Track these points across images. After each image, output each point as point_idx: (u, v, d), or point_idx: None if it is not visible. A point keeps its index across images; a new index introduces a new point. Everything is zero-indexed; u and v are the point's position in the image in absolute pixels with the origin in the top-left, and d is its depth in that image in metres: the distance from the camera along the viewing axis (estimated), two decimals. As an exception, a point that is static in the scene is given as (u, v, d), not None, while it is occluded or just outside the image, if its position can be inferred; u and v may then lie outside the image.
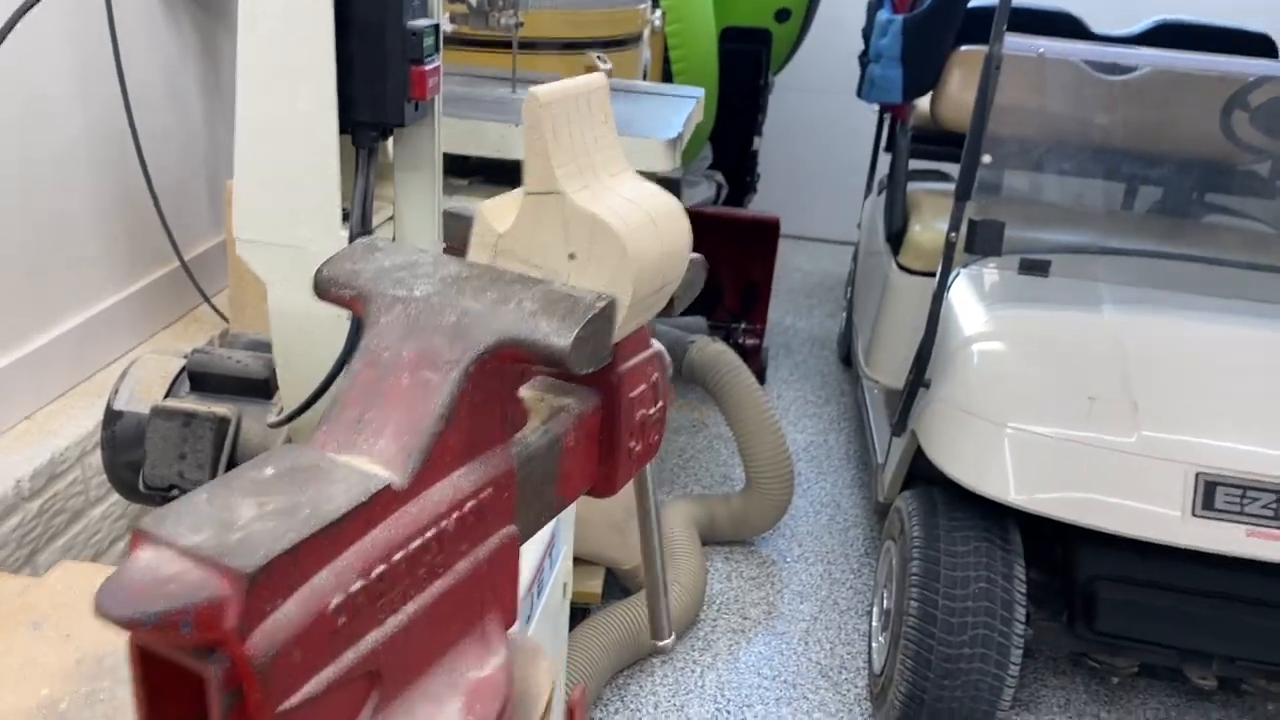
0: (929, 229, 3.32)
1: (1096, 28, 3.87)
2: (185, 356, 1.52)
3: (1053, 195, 2.91)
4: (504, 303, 0.60)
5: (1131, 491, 2.16)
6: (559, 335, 0.57)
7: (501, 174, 1.50)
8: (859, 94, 3.96)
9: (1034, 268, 2.37)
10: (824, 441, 3.83)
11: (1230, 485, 2.13)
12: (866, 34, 3.94)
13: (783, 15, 3.83)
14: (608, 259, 0.60)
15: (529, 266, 0.63)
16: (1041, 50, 2.40)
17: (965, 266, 2.66)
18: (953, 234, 2.36)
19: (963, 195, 2.32)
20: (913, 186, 3.69)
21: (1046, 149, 3.22)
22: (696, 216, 3.85)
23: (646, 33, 2.59)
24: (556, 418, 0.71)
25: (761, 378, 4.17)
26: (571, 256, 0.61)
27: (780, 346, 4.61)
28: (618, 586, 2.80)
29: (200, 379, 1.47)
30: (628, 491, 2.84)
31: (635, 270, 0.60)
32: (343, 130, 1.13)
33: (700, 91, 1.83)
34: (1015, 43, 2.24)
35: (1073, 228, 2.85)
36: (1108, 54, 2.64)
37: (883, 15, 3.73)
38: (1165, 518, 2.13)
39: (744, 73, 3.68)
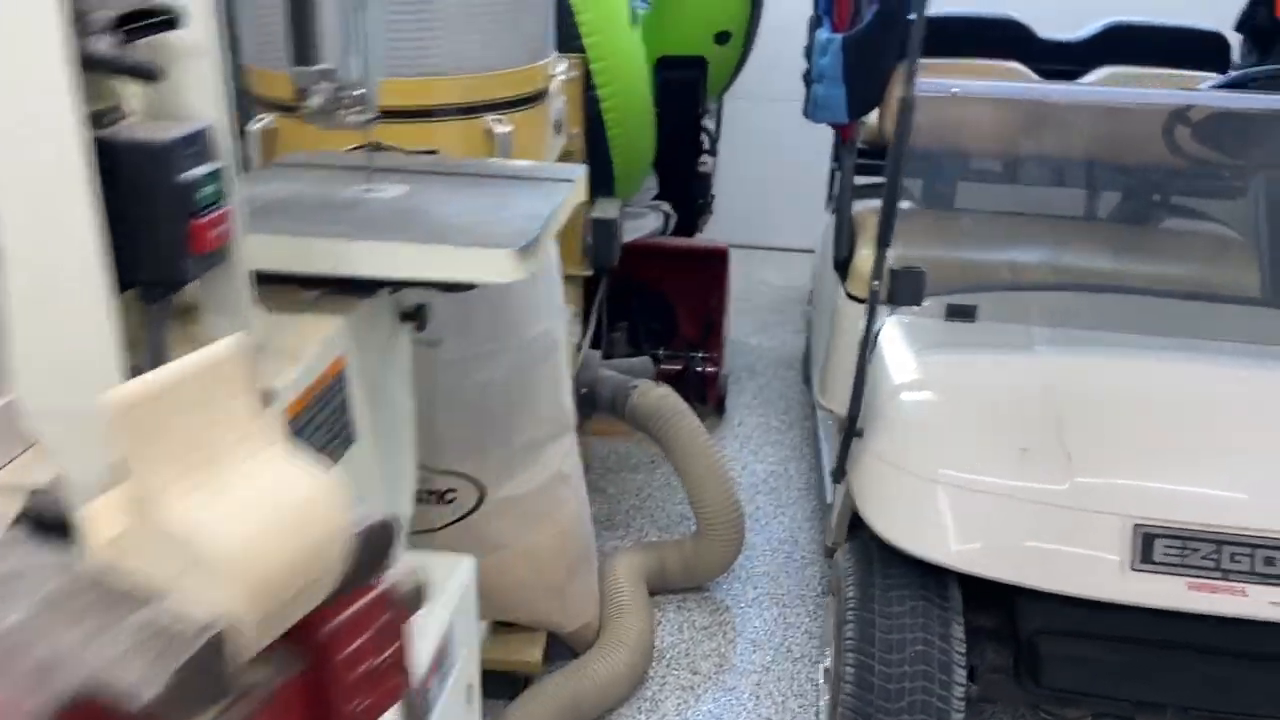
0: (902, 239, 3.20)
1: (1044, 31, 3.78)
2: (29, 495, 1.45)
3: (986, 228, 2.83)
4: (100, 633, 0.52)
5: (1067, 546, 2.07)
6: (145, 686, 0.49)
7: (354, 283, 1.42)
8: (805, 114, 3.87)
9: (960, 313, 2.28)
10: (784, 471, 3.75)
11: (1169, 536, 2.04)
12: (809, 53, 3.85)
13: (723, 37, 3.74)
14: (215, 578, 0.52)
15: (146, 570, 0.56)
16: (955, 90, 2.32)
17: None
18: (875, 282, 2.28)
19: (882, 243, 2.23)
20: (861, 206, 3.60)
21: (979, 179, 3.14)
22: (645, 249, 3.78)
23: (555, 85, 2.51)
24: (242, 700, 0.63)
25: (721, 406, 4.09)
26: (187, 567, 0.54)
27: (743, 369, 4.53)
28: (565, 649, 2.73)
29: (39, 521, 1.40)
30: (565, 551, 2.74)
31: (251, 586, 0.52)
32: (126, 287, 1.05)
33: (581, 169, 1.75)
34: (926, 83, 2.15)
35: (1008, 262, 2.77)
36: (1030, 90, 2.55)
37: (822, 34, 3.63)
38: (1103, 573, 2.05)
39: (682, 100, 3.60)
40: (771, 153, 5.80)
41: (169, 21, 1.00)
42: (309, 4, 1.42)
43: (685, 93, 3.58)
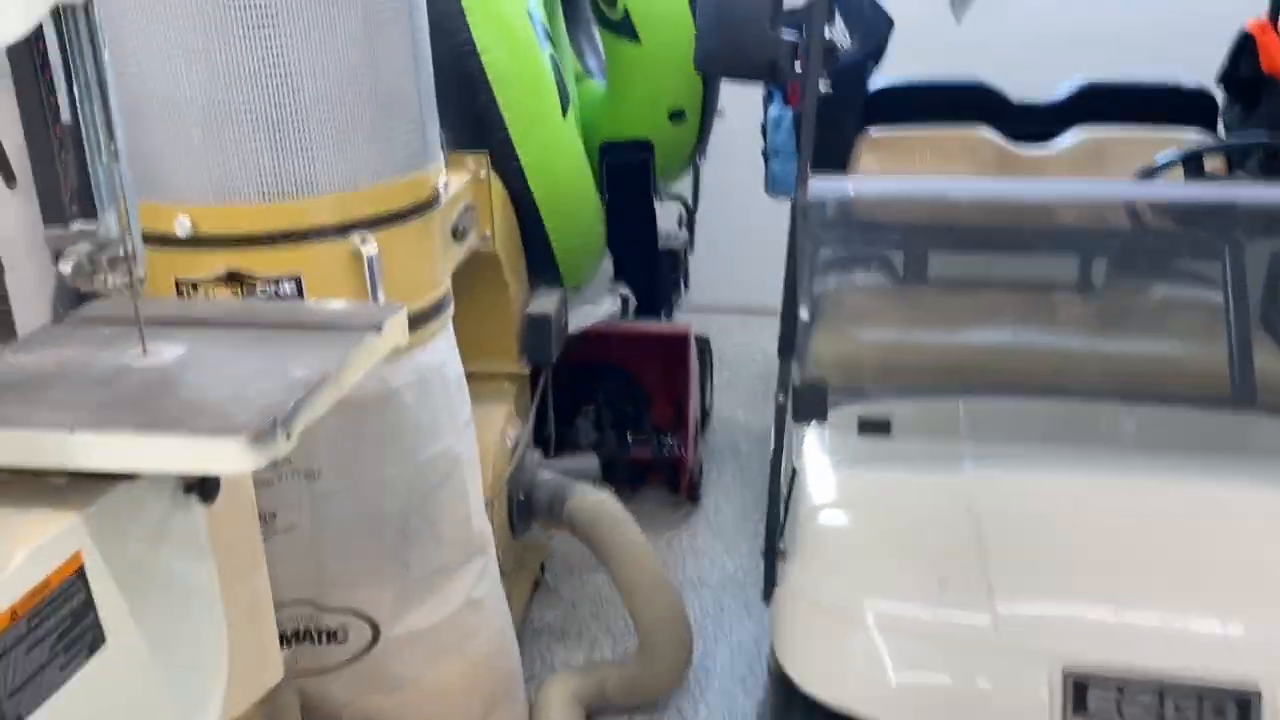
0: (834, 337, 3.01)
1: (1020, 95, 3.59)
2: None
3: (945, 306, 2.62)
4: None
5: (993, 697, 1.86)
6: None
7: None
8: (766, 189, 3.73)
9: (873, 428, 2.08)
10: (755, 566, 3.53)
11: (1104, 682, 1.82)
12: (765, 129, 3.71)
13: (677, 116, 3.60)
14: None
15: None
16: (853, 193, 2.14)
17: None
18: (780, 395, 2.09)
19: (783, 353, 2.05)
20: (822, 285, 3.42)
21: (944, 249, 2.94)
22: (604, 336, 3.61)
23: (456, 189, 2.38)
24: None
25: (694, 494, 3.89)
26: None
27: (726, 447, 4.33)
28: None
29: None
30: (478, 684, 2.55)
31: None
32: None
33: (395, 313, 1.59)
34: (821, 186, 1.97)
35: (961, 347, 2.56)
36: (949, 188, 2.35)
37: (773, 110, 3.50)
38: (1031, 727, 1.83)
39: (632, 183, 3.47)
40: (768, 213, 5.62)
41: None
42: (50, 158, 1.31)
43: (633, 176, 3.44)
